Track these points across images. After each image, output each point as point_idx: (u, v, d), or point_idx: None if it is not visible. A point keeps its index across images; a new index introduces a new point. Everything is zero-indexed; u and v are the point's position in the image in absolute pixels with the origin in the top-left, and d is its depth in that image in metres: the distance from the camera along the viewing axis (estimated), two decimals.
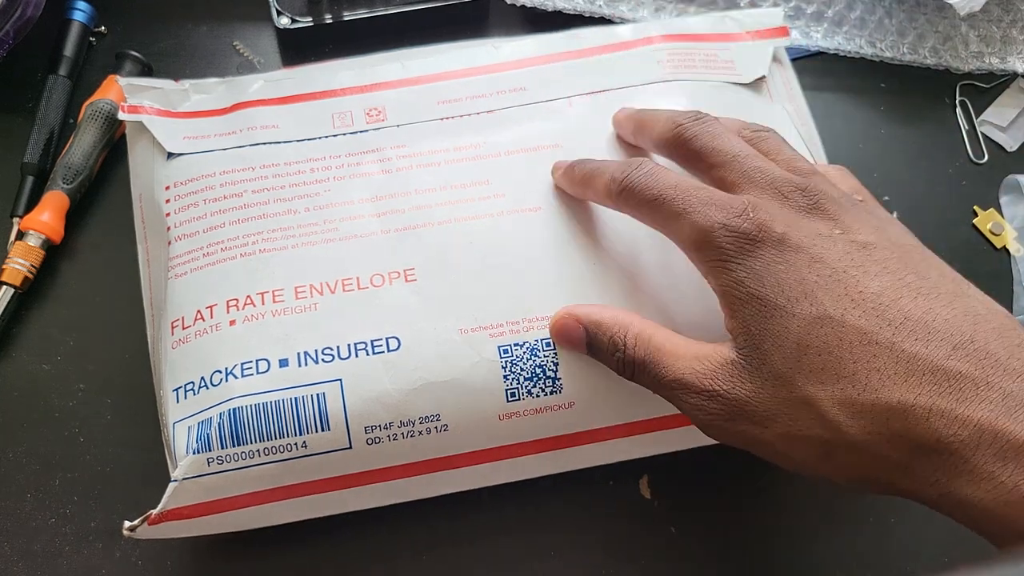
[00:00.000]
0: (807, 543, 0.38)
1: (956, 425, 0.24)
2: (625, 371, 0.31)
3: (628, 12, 0.49)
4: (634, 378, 0.31)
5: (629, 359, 0.31)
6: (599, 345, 0.32)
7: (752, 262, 0.28)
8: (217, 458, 0.32)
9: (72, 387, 0.40)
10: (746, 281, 0.28)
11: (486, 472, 0.35)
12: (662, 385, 0.30)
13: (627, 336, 0.31)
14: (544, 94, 0.40)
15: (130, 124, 0.39)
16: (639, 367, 0.30)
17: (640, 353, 0.30)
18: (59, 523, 0.38)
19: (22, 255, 0.41)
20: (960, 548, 0.38)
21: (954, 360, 0.25)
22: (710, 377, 0.28)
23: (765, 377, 0.27)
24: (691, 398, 0.29)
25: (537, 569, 0.37)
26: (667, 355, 0.30)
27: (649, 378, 0.30)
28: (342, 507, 0.34)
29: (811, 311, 0.27)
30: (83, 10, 0.48)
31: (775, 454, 0.28)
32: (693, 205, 0.29)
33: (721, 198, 0.29)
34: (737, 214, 0.28)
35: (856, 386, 0.26)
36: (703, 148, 0.32)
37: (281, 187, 0.37)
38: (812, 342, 0.26)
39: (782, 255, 0.28)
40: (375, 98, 0.40)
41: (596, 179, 0.33)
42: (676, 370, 0.29)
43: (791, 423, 0.27)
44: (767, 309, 0.27)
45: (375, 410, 0.33)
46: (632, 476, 0.39)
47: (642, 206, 0.31)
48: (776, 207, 0.29)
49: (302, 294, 0.35)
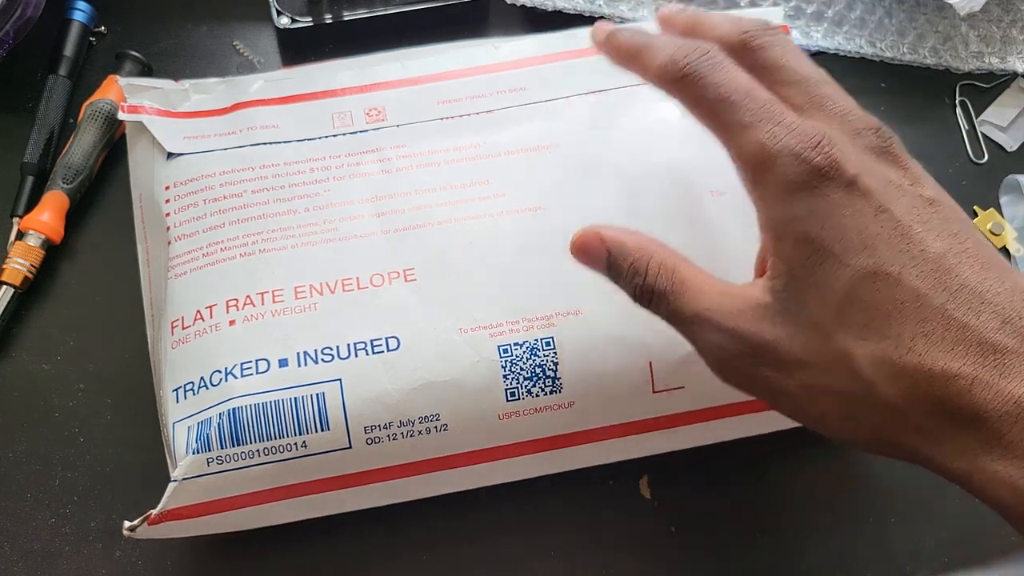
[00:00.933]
0: (807, 543, 0.38)
1: (998, 399, 0.23)
2: (642, 299, 0.29)
3: (628, 12, 0.49)
4: (651, 307, 0.29)
5: (648, 287, 0.28)
6: (619, 269, 0.29)
7: (816, 201, 0.26)
8: (217, 458, 0.32)
9: (72, 387, 0.40)
10: (804, 220, 0.26)
11: (486, 472, 0.35)
12: (681, 318, 0.28)
13: (650, 263, 0.29)
14: (544, 94, 0.40)
15: (130, 124, 0.39)
16: (658, 296, 0.28)
17: (662, 283, 0.28)
18: (59, 523, 0.38)
19: (22, 255, 0.41)
20: (960, 548, 0.38)
21: (1002, 335, 0.24)
22: (736, 316, 0.27)
23: (799, 324, 0.26)
24: (711, 335, 0.27)
25: (537, 569, 0.37)
26: (690, 288, 0.28)
27: (667, 309, 0.28)
28: (342, 507, 0.34)
29: (867, 264, 0.25)
30: (83, 10, 0.48)
31: (793, 406, 0.27)
32: (763, 120, 0.27)
33: (795, 121, 0.26)
34: (811, 145, 0.26)
35: (899, 347, 0.24)
36: (773, 61, 0.28)
37: (281, 187, 0.37)
38: (860, 296, 0.25)
39: (850, 199, 0.25)
40: (375, 98, 0.40)
41: (648, 55, 0.30)
42: (698, 304, 0.27)
43: (819, 375, 0.25)
44: (819, 255, 0.25)
45: (375, 410, 0.33)
46: (632, 476, 0.39)
47: (702, 102, 0.28)
48: (849, 144, 0.26)
49: (302, 294, 0.35)
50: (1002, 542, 0.38)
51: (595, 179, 0.37)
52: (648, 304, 0.29)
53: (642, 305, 0.29)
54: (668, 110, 0.39)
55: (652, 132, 0.39)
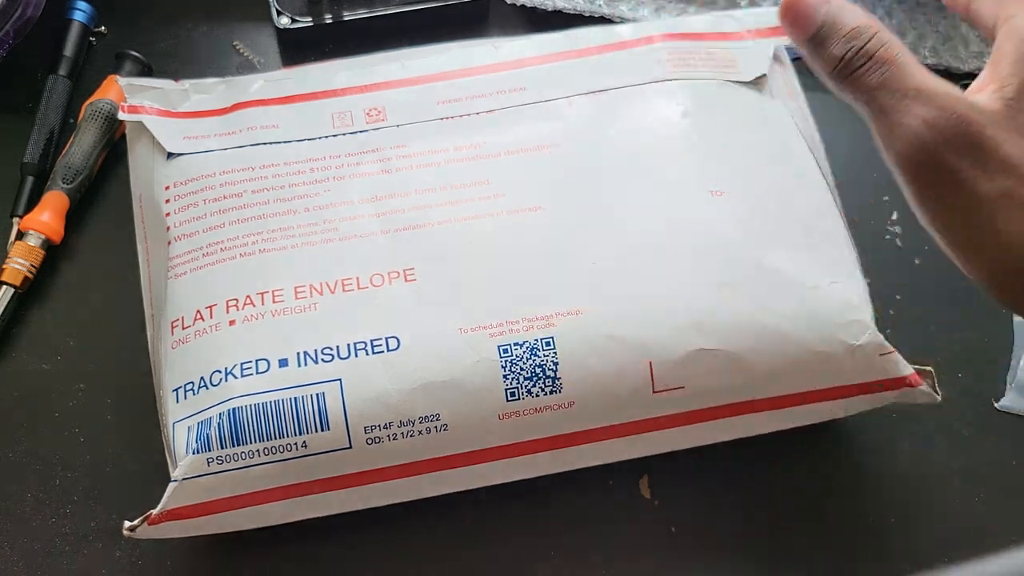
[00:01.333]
0: (807, 543, 0.38)
1: None
2: (854, 63, 0.26)
3: (628, 12, 0.49)
4: (861, 72, 0.26)
5: (869, 52, 0.26)
6: (836, 28, 0.27)
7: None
8: (217, 458, 0.32)
9: (72, 387, 0.40)
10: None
11: (486, 472, 0.35)
12: (895, 89, 0.26)
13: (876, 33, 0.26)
14: (544, 94, 0.40)
15: (130, 124, 0.39)
16: (878, 63, 0.26)
17: (884, 53, 0.26)
18: (59, 523, 0.38)
19: (22, 255, 0.41)
20: (960, 548, 0.38)
21: None
22: (960, 102, 0.25)
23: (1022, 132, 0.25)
24: (925, 110, 0.25)
25: (537, 569, 0.37)
26: (914, 66, 0.26)
27: (883, 77, 0.26)
28: (342, 507, 0.34)
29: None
30: (83, 10, 0.48)
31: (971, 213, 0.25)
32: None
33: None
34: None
35: None
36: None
37: (281, 187, 0.37)
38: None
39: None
40: (375, 98, 0.40)
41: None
42: (920, 80, 0.25)
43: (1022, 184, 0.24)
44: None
45: (375, 410, 0.33)
46: (632, 476, 0.39)
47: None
48: None
49: (302, 294, 0.35)
50: (1002, 542, 0.38)
51: (595, 179, 0.37)
52: (859, 68, 0.26)
53: (843, 73, 0.27)
54: (668, 110, 0.39)
55: (652, 132, 0.39)
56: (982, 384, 0.42)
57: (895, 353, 0.35)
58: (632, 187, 0.37)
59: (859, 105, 0.27)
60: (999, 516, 0.39)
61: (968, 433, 0.40)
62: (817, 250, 0.36)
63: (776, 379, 0.35)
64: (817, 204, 0.38)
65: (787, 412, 0.36)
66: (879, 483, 0.39)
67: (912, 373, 0.36)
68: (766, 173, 0.38)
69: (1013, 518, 0.39)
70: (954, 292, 0.43)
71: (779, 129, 0.40)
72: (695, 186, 0.37)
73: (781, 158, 0.39)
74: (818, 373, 0.35)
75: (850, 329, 0.35)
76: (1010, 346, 0.42)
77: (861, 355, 0.35)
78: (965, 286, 0.43)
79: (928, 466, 0.40)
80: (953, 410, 0.41)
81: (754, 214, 0.37)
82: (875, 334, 0.35)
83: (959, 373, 0.42)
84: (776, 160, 0.39)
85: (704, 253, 0.36)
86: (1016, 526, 0.38)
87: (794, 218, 0.37)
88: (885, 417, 0.40)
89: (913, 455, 0.40)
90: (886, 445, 0.40)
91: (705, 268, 0.35)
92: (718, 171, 0.38)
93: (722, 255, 0.36)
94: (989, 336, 0.43)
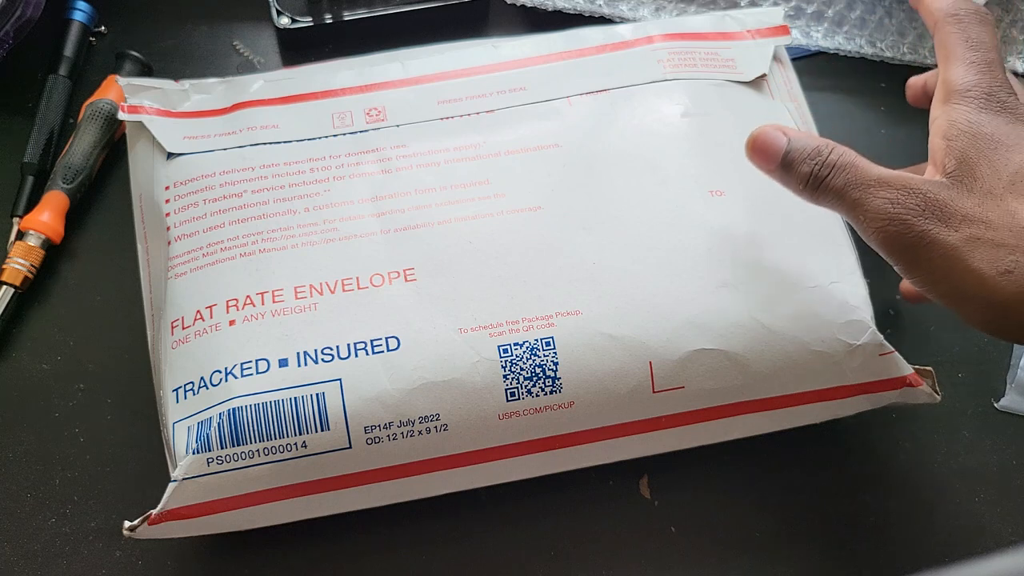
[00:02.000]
0: (807, 543, 0.38)
1: None
2: (820, 174, 0.31)
3: (628, 12, 0.49)
4: (828, 179, 0.31)
5: (831, 163, 0.31)
6: (799, 153, 0.32)
7: (994, 117, 0.31)
8: (217, 458, 0.32)
9: (72, 387, 0.40)
10: (982, 123, 0.31)
11: (486, 472, 0.35)
12: (859, 184, 0.30)
13: (833, 148, 0.32)
14: (544, 94, 0.40)
15: (130, 124, 0.39)
16: (840, 168, 0.31)
17: (844, 160, 0.31)
18: (59, 523, 0.38)
19: (22, 255, 0.41)
20: (960, 548, 0.38)
21: None
22: (915, 181, 0.30)
23: (971, 190, 0.30)
24: (888, 193, 0.30)
25: (537, 569, 0.37)
26: (870, 166, 0.31)
27: (847, 176, 0.31)
28: (342, 507, 0.34)
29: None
30: (83, 10, 0.48)
31: (948, 262, 0.29)
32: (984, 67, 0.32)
33: (999, 76, 0.32)
34: (1000, 86, 0.31)
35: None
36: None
37: (281, 187, 0.37)
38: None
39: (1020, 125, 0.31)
40: (375, 98, 0.40)
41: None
42: (880, 172, 0.30)
43: (985, 229, 0.29)
44: (994, 144, 0.30)
45: (375, 410, 0.33)
46: (632, 476, 0.39)
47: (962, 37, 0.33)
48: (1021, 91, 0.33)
49: (302, 294, 0.35)
50: (1002, 542, 0.38)
51: (595, 179, 0.37)
52: (826, 177, 0.31)
53: (813, 185, 0.32)
54: (668, 109, 0.39)
55: (652, 132, 0.39)
56: (982, 384, 0.42)
57: (895, 353, 0.35)
58: (632, 187, 0.37)
59: (835, 207, 0.32)
60: (999, 516, 0.39)
61: (968, 433, 0.40)
62: (817, 250, 0.36)
63: (776, 379, 0.35)
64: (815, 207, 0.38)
65: (787, 412, 0.36)
66: (879, 483, 0.39)
67: (912, 373, 0.36)
68: None
69: (1013, 518, 0.39)
70: None
71: None
72: (695, 186, 0.37)
73: None
74: (818, 373, 0.35)
75: (850, 329, 0.35)
76: (1010, 346, 0.42)
77: (861, 355, 0.35)
78: None
79: (928, 466, 0.40)
80: (953, 410, 0.41)
81: (754, 214, 0.37)
82: (875, 334, 0.35)
83: (959, 373, 0.42)
84: None
85: (704, 253, 0.36)
86: (1016, 526, 0.38)
87: (794, 218, 0.37)
88: (885, 417, 0.40)
89: (913, 455, 0.40)
90: (886, 445, 0.40)
91: (705, 268, 0.35)
92: (718, 171, 0.38)
93: (722, 255, 0.36)
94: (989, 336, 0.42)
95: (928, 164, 0.32)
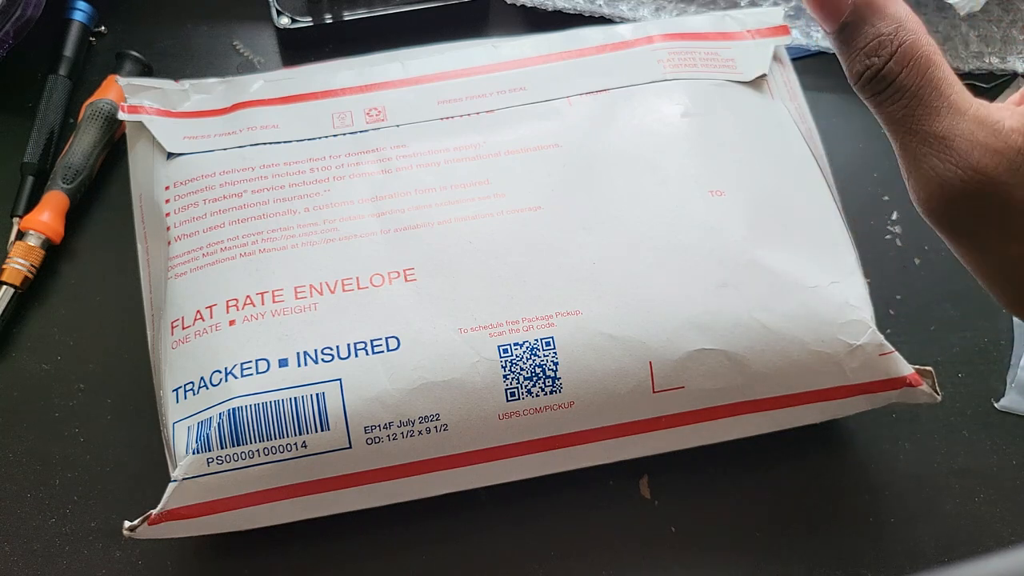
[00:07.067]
0: (807, 543, 0.38)
1: None
2: (875, 85, 0.24)
3: (628, 12, 0.49)
4: (880, 98, 0.25)
5: (890, 75, 0.24)
6: (857, 34, 0.24)
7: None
8: (217, 458, 0.32)
9: (72, 387, 0.40)
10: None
11: (485, 472, 0.35)
12: (916, 130, 0.24)
13: (903, 46, 0.24)
14: (544, 94, 0.40)
15: (130, 124, 0.39)
16: (897, 92, 0.24)
17: (909, 78, 0.24)
18: (59, 523, 0.38)
19: (22, 255, 0.41)
20: (960, 548, 0.38)
21: None
22: (987, 153, 0.23)
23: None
24: (946, 164, 0.23)
25: (537, 569, 0.37)
26: (943, 97, 0.24)
27: (902, 113, 0.24)
28: (342, 507, 0.34)
29: None
30: (83, 10, 0.48)
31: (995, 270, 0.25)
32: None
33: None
34: None
35: None
36: None
37: (281, 187, 0.37)
38: None
39: None
40: (375, 98, 0.40)
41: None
42: (947, 124, 0.24)
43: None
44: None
45: (375, 410, 0.33)
46: (632, 476, 0.39)
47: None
48: None
49: (302, 294, 0.35)
50: (1002, 542, 0.38)
51: (595, 179, 0.37)
52: (878, 93, 0.25)
53: (867, 91, 0.25)
54: (668, 109, 0.39)
55: (652, 132, 0.39)
56: (982, 384, 0.41)
57: (895, 353, 0.35)
58: (632, 187, 0.37)
59: (882, 124, 0.25)
60: (999, 516, 0.39)
61: (968, 433, 0.40)
62: (817, 250, 0.36)
63: (776, 379, 0.35)
64: (817, 204, 0.38)
65: (787, 412, 0.36)
66: (879, 483, 0.39)
67: (912, 373, 0.36)
68: (766, 173, 0.38)
69: (1013, 518, 0.39)
70: (954, 292, 0.43)
71: (779, 129, 0.40)
72: (695, 186, 0.37)
73: (781, 158, 0.39)
74: (818, 373, 0.35)
75: (850, 329, 0.35)
76: (1010, 346, 0.42)
77: (861, 355, 0.35)
78: (965, 286, 0.43)
79: (928, 466, 0.40)
80: (953, 410, 0.41)
81: (754, 214, 0.37)
82: (875, 334, 0.35)
83: (959, 373, 0.42)
84: (776, 160, 0.39)
85: (704, 253, 0.36)
86: (1016, 526, 0.38)
87: (794, 218, 0.37)
88: (885, 417, 0.40)
89: (913, 455, 0.40)
90: (886, 445, 0.40)
91: (705, 268, 0.35)
92: (718, 171, 0.38)
93: (722, 255, 0.36)
94: (989, 336, 0.43)
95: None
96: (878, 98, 0.25)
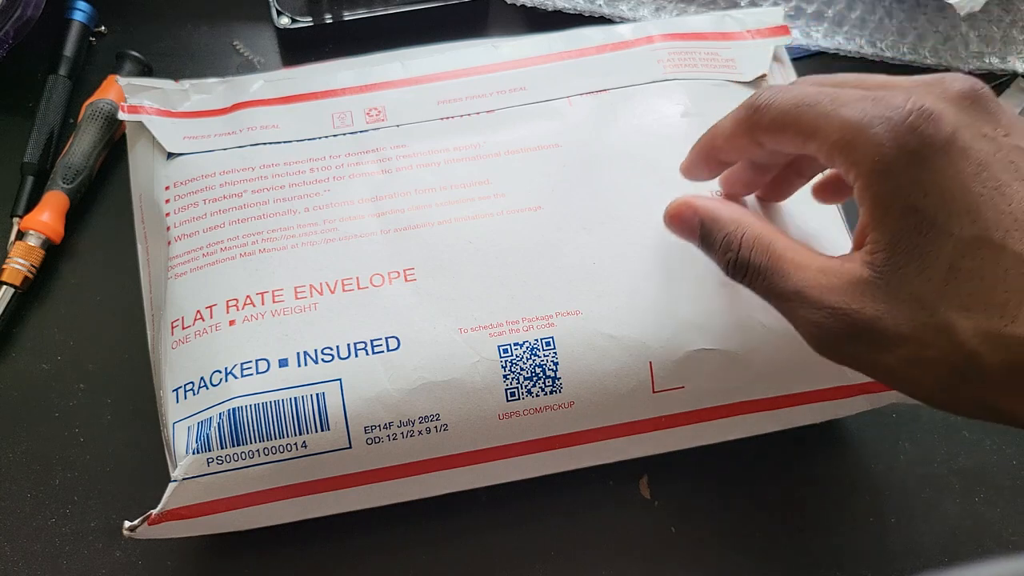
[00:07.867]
0: (807, 543, 0.38)
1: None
2: (736, 274, 0.29)
3: (628, 11, 0.49)
4: (746, 282, 0.29)
5: (742, 262, 0.28)
6: (711, 241, 0.30)
7: (916, 169, 0.25)
8: (217, 458, 0.32)
9: (72, 387, 0.40)
10: (906, 189, 0.25)
11: (485, 472, 0.35)
12: (777, 295, 0.28)
13: (744, 236, 0.29)
14: (544, 94, 0.40)
15: (130, 124, 0.39)
16: (753, 272, 0.28)
17: (757, 258, 0.28)
18: (59, 523, 0.38)
19: (22, 255, 0.41)
20: (960, 548, 0.38)
21: None
22: (835, 292, 0.26)
23: (901, 299, 0.25)
24: (809, 313, 0.26)
25: (537, 569, 0.37)
26: (787, 263, 0.27)
27: (763, 286, 0.28)
28: (342, 507, 0.34)
29: (970, 232, 0.24)
30: (83, 10, 0.48)
31: (892, 379, 0.26)
32: (844, 101, 0.26)
33: (879, 94, 0.26)
34: (900, 105, 0.25)
35: (1004, 317, 0.24)
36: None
37: (281, 187, 0.37)
38: (964, 266, 0.24)
39: (949, 160, 0.24)
40: (375, 98, 0.40)
41: (716, 132, 0.31)
42: (796, 281, 0.27)
43: (921, 349, 0.25)
44: (923, 225, 0.25)
45: (375, 410, 0.33)
46: (632, 476, 0.39)
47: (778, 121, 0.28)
48: (937, 101, 0.25)
49: (302, 294, 0.35)
50: (1002, 542, 0.38)
51: (595, 179, 0.37)
52: (743, 279, 0.29)
53: (735, 279, 0.29)
54: (668, 109, 0.39)
55: (652, 132, 0.39)
56: None
57: None
58: (632, 187, 0.37)
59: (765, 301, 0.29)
60: (999, 516, 0.39)
61: (968, 433, 0.40)
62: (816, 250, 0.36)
63: (776, 379, 0.35)
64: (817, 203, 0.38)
65: (787, 412, 0.36)
66: (879, 483, 0.39)
67: None
68: None
69: (1013, 518, 0.39)
70: None
71: None
72: (695, 186, 0.37)
73: None
74: (818, 373, 0.35)
75: None
76: None
77: None
78: None
79: (928, 466, 0.40)
80: None
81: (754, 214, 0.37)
82: None
83: None
84: None
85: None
86: (1016, 526, 0.38)
87: (793, 218, 0.37)
88: (885, 417, 0.40)
89: (913, 455, 0.40)
90: (886, 445, 0.40)
91: (705, 268, 0.35)
92: None
93: None
94: None
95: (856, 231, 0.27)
96: (746, 280, 0.29)
